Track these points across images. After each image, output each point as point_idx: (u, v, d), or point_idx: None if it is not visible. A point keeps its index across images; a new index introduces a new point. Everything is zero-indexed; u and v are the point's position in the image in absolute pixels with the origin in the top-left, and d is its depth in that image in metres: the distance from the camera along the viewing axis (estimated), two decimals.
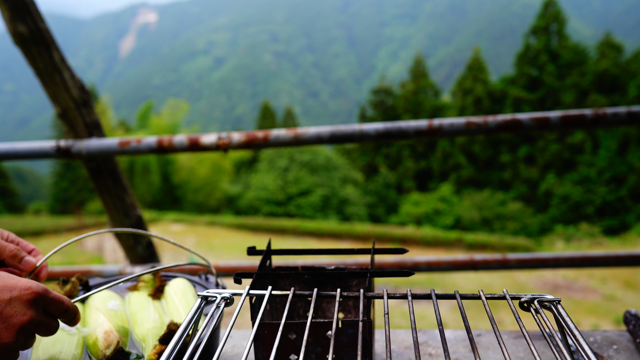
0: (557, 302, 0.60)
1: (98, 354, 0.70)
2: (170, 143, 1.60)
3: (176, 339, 0.54)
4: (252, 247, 0.74)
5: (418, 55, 37.54)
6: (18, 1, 1.45)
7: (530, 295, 0.64)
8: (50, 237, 18.41)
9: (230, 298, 0.66)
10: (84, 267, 1.69)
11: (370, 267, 0.74)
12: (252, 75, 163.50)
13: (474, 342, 0.49)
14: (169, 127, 30.35)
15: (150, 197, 30.02)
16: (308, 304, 0.84)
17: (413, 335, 0.53)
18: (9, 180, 36.35)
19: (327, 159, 29.07)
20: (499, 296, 0.65)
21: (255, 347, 0.64)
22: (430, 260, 1.69)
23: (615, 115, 1.41)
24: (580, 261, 1.59)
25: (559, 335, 0.61)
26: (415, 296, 0.65)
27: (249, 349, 0.50)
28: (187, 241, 16.23)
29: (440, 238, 17.30)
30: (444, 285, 8.84)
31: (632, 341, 0.80)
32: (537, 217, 23.54)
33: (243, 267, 1.71)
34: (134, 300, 0.85)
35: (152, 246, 1.86)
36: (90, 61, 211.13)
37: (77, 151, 1.61)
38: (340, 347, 0.61)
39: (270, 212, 26.83)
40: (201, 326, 0.59)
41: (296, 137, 1.55)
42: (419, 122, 1.56)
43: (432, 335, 0.87)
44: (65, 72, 1.58)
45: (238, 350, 0.83)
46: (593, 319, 6.66)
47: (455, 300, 0.64)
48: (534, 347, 0.53)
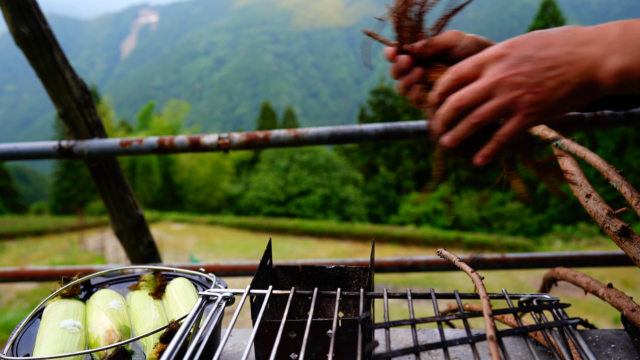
0: (555, 302, 0.61)
1: (99, 352, 0.71)
2: (171, 143, 1.60)
3: (177, 337, 0.54)
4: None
5: None
6: (20, 2, 1.45)
7: (529, 294, 0.64)
8: (52, 237, 18.43)
9: (231, 297, 0.66)
10: (86, 266, 1.69)
11: (370, 266, 0.75)
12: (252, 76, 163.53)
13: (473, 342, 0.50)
14: (170, 127, 30.38)
15: (151, 197, 30.04)
16: (308, 303, 0.85)
17: (413, 335, 0.54)
18: (11, 180, 36.41)
19: (327, 159, 29.08)
20: (498, 295, 0.65)
21: (256, 346, 0.64)
22: (430, 260, 1.69)
23: (613, 115, 1.41)
24: (579, 260, 1.60)
25: (557, 334, 0.62)
26: (414, 295, 0.66)
27: (249, 348, 0.51)
28: (188, 241, 16.24)
29: (439, 237, 17.31)
30: (443, 284, 8.84)
31: (630, 340, 0.80)
32: (535, 217, 23.53)
33: (243, 266, 1.72)
34: (135, 300, 0.85)
35: (153, 246, 1.87)
36: (91, 62, 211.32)
37: (79, 151, 1.62)
38: (341, 346, 0.61)
39: (270, 211, 26.84)
40: (202, 325, 0.59)
41: (296, 137, 1.55)
42: (418, 122, 1.56)
43: (431, 334, 0.88)
44: (67, 72, 1.58)
45: (239, 349, 0.84)
46: (591, 318, 6.65)
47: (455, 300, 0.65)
48: (532, 347, 0.54)
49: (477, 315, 0.56)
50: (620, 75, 0.50)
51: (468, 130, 0.57)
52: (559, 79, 0.52)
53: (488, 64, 0.55)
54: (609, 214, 0.82)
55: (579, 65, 0.52)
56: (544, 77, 0.52)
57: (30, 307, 7.07)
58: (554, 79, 0.52)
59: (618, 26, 0.52)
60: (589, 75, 0.51)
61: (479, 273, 0.62)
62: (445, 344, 0.48)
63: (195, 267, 1.46)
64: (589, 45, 0.52)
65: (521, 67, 0.53)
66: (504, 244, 16.57)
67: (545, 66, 0.52)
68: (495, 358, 0.42)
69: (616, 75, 0.50)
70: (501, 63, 0.54)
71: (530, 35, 0.55)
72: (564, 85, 0.52)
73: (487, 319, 0.48)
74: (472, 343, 0.48)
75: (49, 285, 5.01)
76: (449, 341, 0.48)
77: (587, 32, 0.53)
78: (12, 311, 7.04)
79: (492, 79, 0.54)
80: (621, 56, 0.50)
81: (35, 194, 56.98)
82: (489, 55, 0.55)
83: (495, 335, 0.45)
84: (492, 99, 0.55)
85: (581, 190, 0.91)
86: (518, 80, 0.53)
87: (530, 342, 0.55)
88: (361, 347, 0.51)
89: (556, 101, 0.53)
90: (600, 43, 0.51)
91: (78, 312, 0.80)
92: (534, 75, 0.53)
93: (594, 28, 0.53)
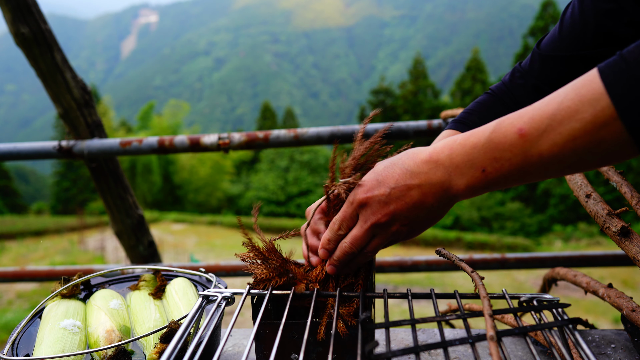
0: (555, 302, 0.61)
1: (99, 352, 0.71)
2: (171, 143, 1.60)
3: (177, 337, 0.54)
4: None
5: (417, 56, 37.57)
6: (20, 2, 1.45)
7: (530, 294, 0.64)
8: (52, 237, 18.43)
9: (231, 297, 0.66)
10: (86, 266, 1.69)
11: (370, 266, 0.75)
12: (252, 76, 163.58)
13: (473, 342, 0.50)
14: (170, 127, 30.39)
15: (151, 197, 30.06)
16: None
17: (413, 335, 0.54)
18: (11, 180, 36.43)
19: (327, 159, 29.07)
20: (498, 295, 0.65)
21: (256, 346, 0.64)
22: (430, 260, 1.69)
23: None
24: (579, 260, 1.60)
25: (557, 334, 0.62)
26: (414, 295, 0.66)
27: (249, 348, 0.51)
28: (188, 241, 16.24)
29: (439, 237, 17.32)
30: (443, 284, 8.84)
31: (630, 340, 0.80)
32: (535, 217, 23.53)
33: (244, 266, 1.72)
34: (135, 300, 0.85)
35: (153, 246, 1.87)
36: (91, 62, 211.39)
37: (79, 151, 1.62)
38: (341, 346, 0.61)
39: (270, 211, 26.86)
40: (202, 325, 0.59)
41: (296, 137, 1.56)
42: (418, 122, 1.57)
43: (431, 334, 0.88)
44: (67, 72, 1.58)
45: (239, 349, 0.84)
46: (591, 318, 6.65)
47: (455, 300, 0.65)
48: (532, 347, 0.54)
49: (477, 315, 0.56)
50: (467, 190, 0.58)
51: (364, 261, 0.68)
52: (420, 208, 0.61)
53: (358, 211, 0.64)
54: (609, 214, 0.82)
55: (432, 193, 0.60)
56: (408, 211, 0.61)
57: (30, 307, 7.07)
58: (415, 211, 0.61)
59: (445, 152, 0.59)
60: (445, 196, 0.60)
61: (478, 273, 0.62)
62: (445, 344, 0.48)
63: (195, 267, 1.46)
64: (431, 173, 0.60)
65: (385, 209, 0.62)
66: (504, 244, 16.57)
67: (404, 202, 0.61)
68: (496, 358, 0.42)
69: (464, 190, 0.58)
70: (368, 209, 0.63)
71: (378, 174, 0.63)
72: (429, 211, 0.61)
73: (488, 319, 0.48)
74: (472, 343, 0.48)
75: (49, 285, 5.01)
76: (449, 341, 0.48)
77: (425, 160, 0.60)
78: (12, 311, 7.04)
79: (367, 225, 0.63)
80: (461, 177, 0.58)
81: (35, 194, 57.01)
82: (355, 206, 0.64)
83: (495, 335, 0.45)
84: (375, 238, 0.65)
85: (581, 190, 0.91)
86: (388, 220, 0.62)
87: (530, 342, 0.55)
88: (361, 347, 0.51)
89: (426, 221, 0.63)
90: (439, 169, 0.59)
91: (78, 312, 0.80)
92: (399, 213, 0.61)
93: (429, 155, 0.60)
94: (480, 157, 0.56)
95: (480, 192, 0.58)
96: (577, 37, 0.79)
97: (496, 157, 0.54)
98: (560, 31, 0.82)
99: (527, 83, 0.87)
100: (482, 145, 0.55)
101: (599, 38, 0.77)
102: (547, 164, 0.51)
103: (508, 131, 0.53)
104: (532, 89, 0.87)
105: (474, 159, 0.56)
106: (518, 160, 0.53)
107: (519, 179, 0.55)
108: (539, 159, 0.51)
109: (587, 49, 0.79)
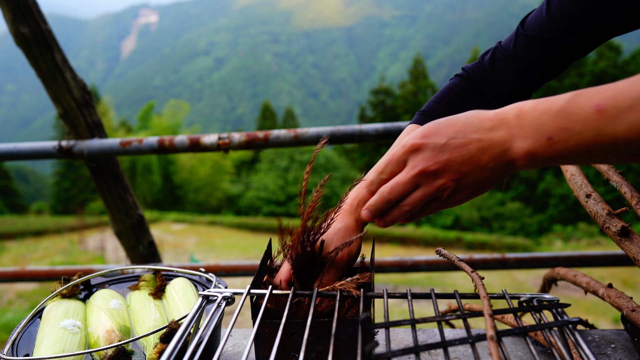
0: (555, 302, 0.61)
1: (99, 352, 0.71)
2: (171, 143, 1.60)
3: (177, 337, 0.54)
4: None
5: (417, 56, 37.58)
6: (20, 2, 1.45)
7: (530, 294, 0.64)
8: (52, 237, 18.43)
9: (231, 297, 0.66)
10: (86, 266, 1.69)
11: (370, 266, 0.75)
12: (252, 76, 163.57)
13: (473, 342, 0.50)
14: (170, 127, 30.39)
15: (151, 196, 30.06)
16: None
17: (413, 335, 0.54)
18: (11, 180, 36.43)
19: (327, 159, 29.11)
20: (498, 295, 0.65)
21: (256, 345, 0.64)
22: (430, 260, 1.69)
23: None
24: (579, 260, 1.60)
25: (557, 334, 0.62)
26: (414, 295, 0.66)
27: (249, 348, 0.51)
28: (188, 241, 16.24)
29: (439, 237, 17.32)
30: (443, 284, 8.84)
31: (630, 340, 0.80)
32: (535, 217, 23.54)
33: (243, 266, 1.72)
34: (135, 300, 0.85)
35: (153, 245, 1.87)
36: (91, 62, 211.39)
37: (79, 151, 1.62)
38: (341, 346, 0.61)
39: (270, 211, 26.85)
40: (202, 325, 0.59)
41: (296, 137, 1.56)
42: None
43: (431, 334, 0.88)
44: (67, 72, 1.58)
45: (239, 349, 0.84)
46: (591, 318, 6.65)
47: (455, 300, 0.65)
48: (532, 347, 0.54)
49: (477, 315, 0.56)
50: (528, 156, 0.54)
51: (401, 217, 0.63)
52: (475, 165, 0.57)
53: (408, 156, 0.60)
54: (609, 214, 0.82)
55: (490, 151, 0.56)
56: (461, 164, 0.57)
57: (30, 307, 7.07)
58: (470, 166, 0.57)
59: (513, 112, 0.55)
60: (503, 158, 0.56)
61: (478, 273, 0.62)
62: (445, 344, 0.48)
63: (195, 267, 1.46)
64: (494, 131, 0.56)
65: (438, 156, 0.58)
66: (504, 244, 16.57)
67: (460, 154, 0.57)
68: (496, 358, 0.42)
69: (525, 156, 0.55)
70: (420, 154, 0.59)
71: (439, 123, 0.60)
72: (483, 171, 0.57)
73: (488, 319, 0.48)
74: (472, 343, 0.48)
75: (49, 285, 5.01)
76: (449, 341, 0.48)
77: (490, 117, 0.57)
78: (12, 311, 7.04)
79: (414, 171, 0.59)
80: (524, 140, 0.54)
81: (35, 194, 56.99)
82: (407, 149, 0.60)
83: (495, 335, 0.45)
84: (418, 189, 0.60)
85: (581, 190, 0.91)
86: (438, 169, 0.58)
87: (530, 342, 0.55)
88: (361, 347, 0.51)
89: (475, 184, 0.59)
90: (503, 128, 0.56)
91: (78, 312, 0.80)
92: (452, 164, 0.58)
93: (495, 113, 0.57)
94: (549, 123, 0.52)
95: (538, 164, 0.54)
96: (565, 21, 0.77)
97: (566, 127, 0.51)
98: (547, 12, 0.80)
99: (510, 66, 0.84)
100: (554, 112, 0.52)
101: (586, 23, 0.76)
102: (620, 145, 0.48)
103: (584, 104, 0.50)
104: (515, 75, 0.83)
105: (542, 124, 0.53)
106: (589, 136, 0.49)
107: (583, 157, 0.52)
108: (611, 139, 0.48)
109: (574, 35, 0.77)
